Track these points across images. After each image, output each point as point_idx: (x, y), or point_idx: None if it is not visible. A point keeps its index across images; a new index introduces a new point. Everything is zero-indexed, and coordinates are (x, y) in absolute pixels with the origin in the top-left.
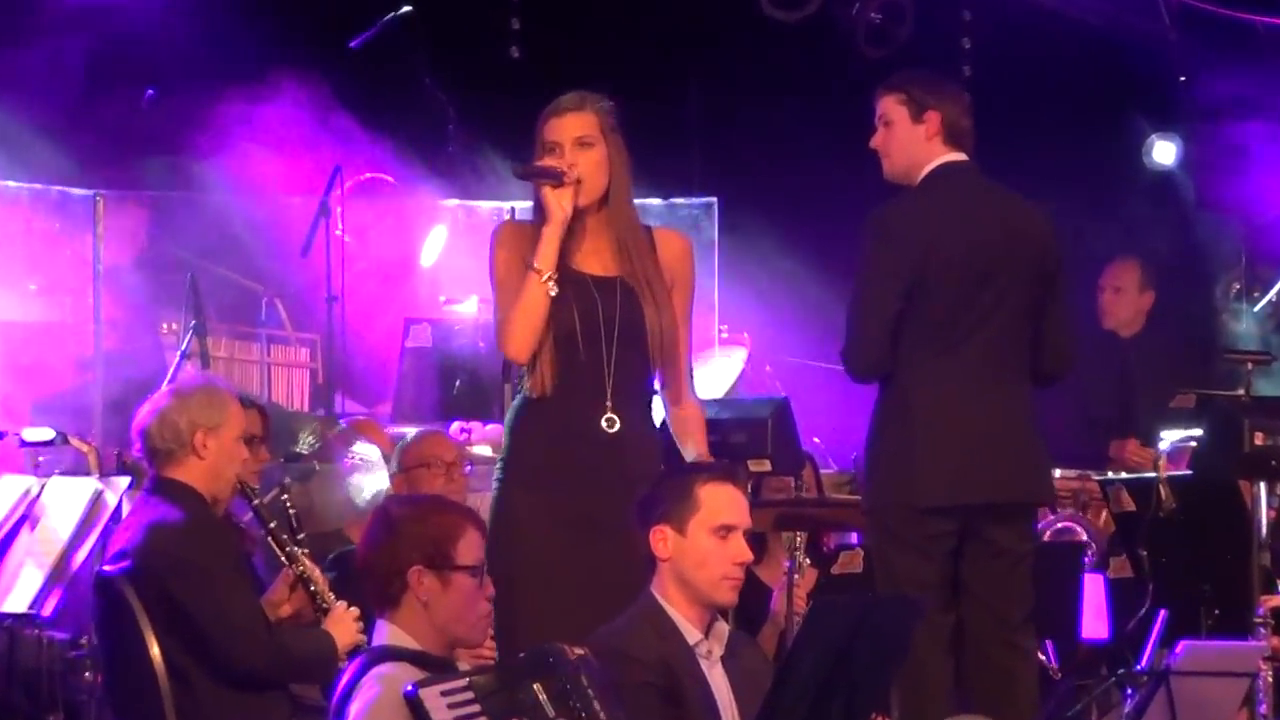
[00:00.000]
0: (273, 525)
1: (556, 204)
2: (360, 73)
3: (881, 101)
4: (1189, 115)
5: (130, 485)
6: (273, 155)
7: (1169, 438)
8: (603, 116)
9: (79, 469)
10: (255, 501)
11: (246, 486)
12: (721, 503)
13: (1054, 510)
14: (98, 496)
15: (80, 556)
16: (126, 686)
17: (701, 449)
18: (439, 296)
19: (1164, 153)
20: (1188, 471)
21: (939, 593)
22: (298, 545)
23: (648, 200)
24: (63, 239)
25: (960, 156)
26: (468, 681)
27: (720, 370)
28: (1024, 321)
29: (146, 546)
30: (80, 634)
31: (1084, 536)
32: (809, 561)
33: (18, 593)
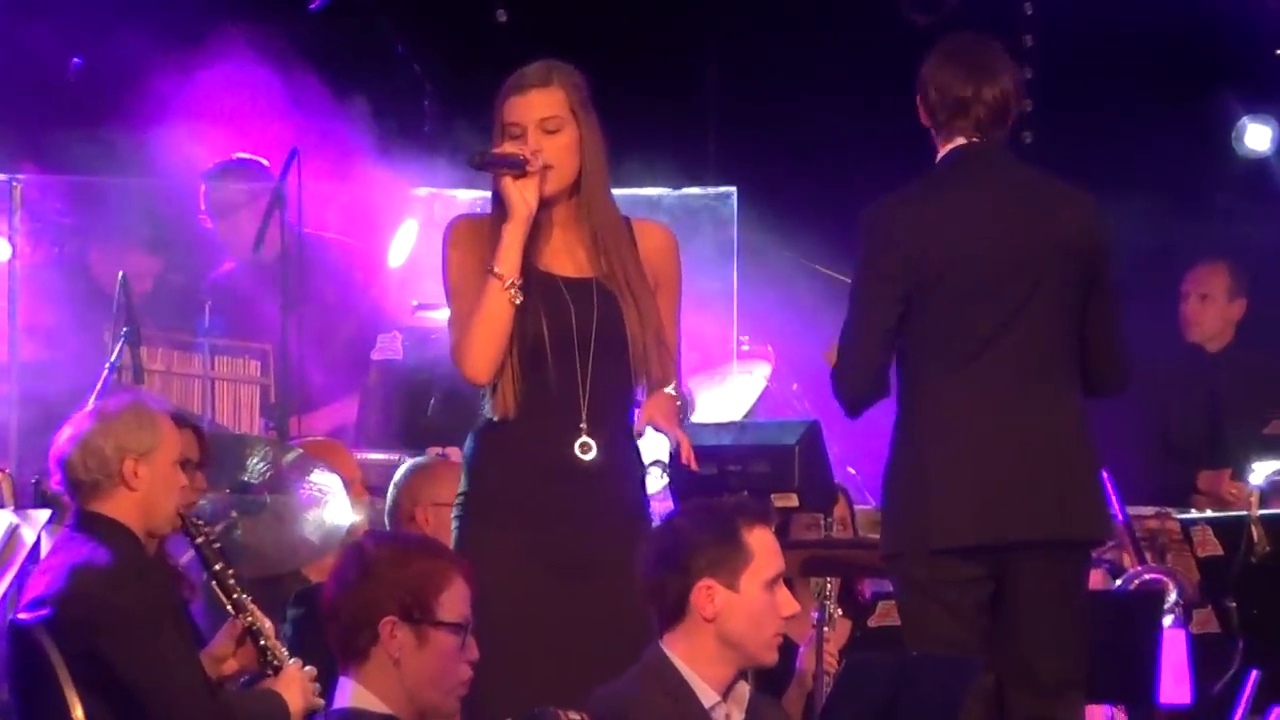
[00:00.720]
0: (218, 567)
1: (519, 197)
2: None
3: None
4: None
5: (50, 520)
6: (218, 134)
7: (1262, 470)
8: (572, 92)
9: None
10: (199, 538)
11: (190, 520)
12: (770, 550)
13: (1141, 558)
14: (12, 532)
15: None
16: None
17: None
18: (410, 301)
19: (1258, 138)
20: None
21: (972, 652)
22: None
23: (655, 190)
24: None
25: (981, 139)
26: None
27: (739, 389)
28: (1062, 327)
29: (69, 592)
30: None
31: (1169, 586)
32: (841, 612)
33: None
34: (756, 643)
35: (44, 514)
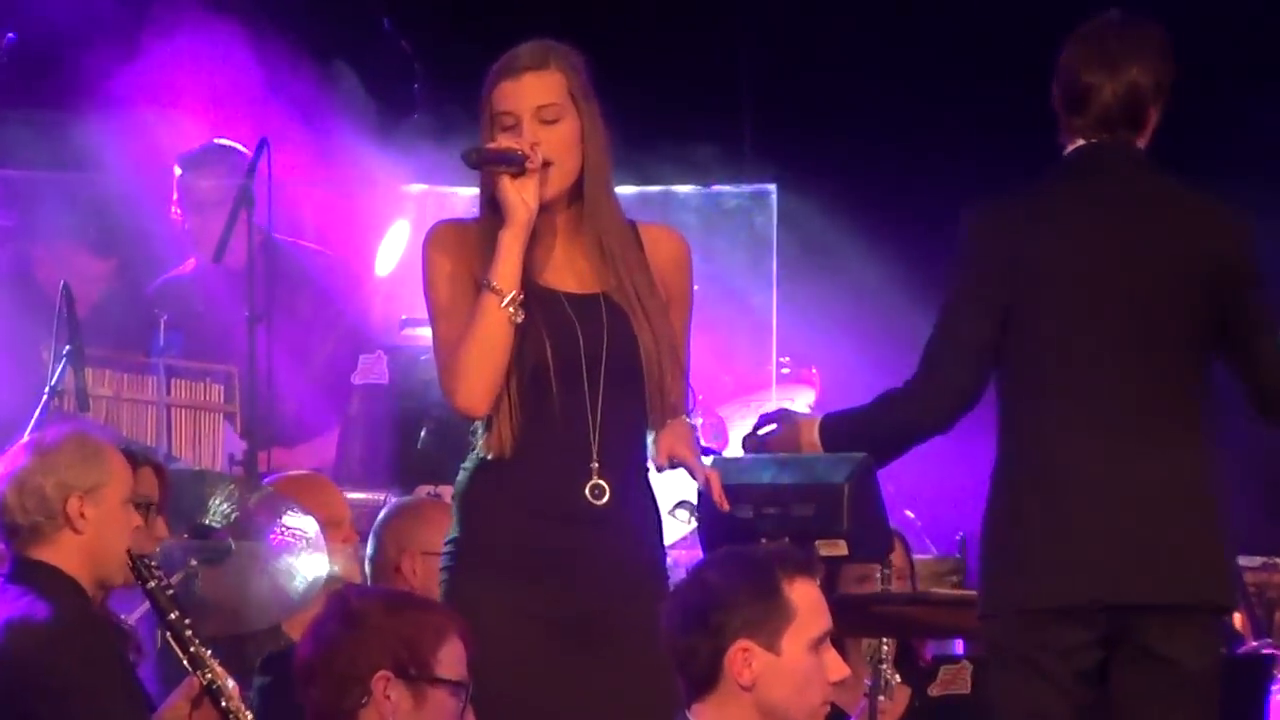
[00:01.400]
0: (173, 616)
1: (518, 199)
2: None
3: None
4: None
5: None
6: (176, 123)
7: None
8: (572, 76)
9: None
10: (151, 582)
11: (142, 563)
12: (815, 605)
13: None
14: None
15: None
16: None
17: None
18: (399, 315)
19: None
20: None
21: None
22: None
23: (682, 187)
24: None
25: (1105, 139)
26: None
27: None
28: (1186, 360)
29: (4, 651)
30: None
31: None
32: (899, 678)
33: None
34: (801, 712)
35: None
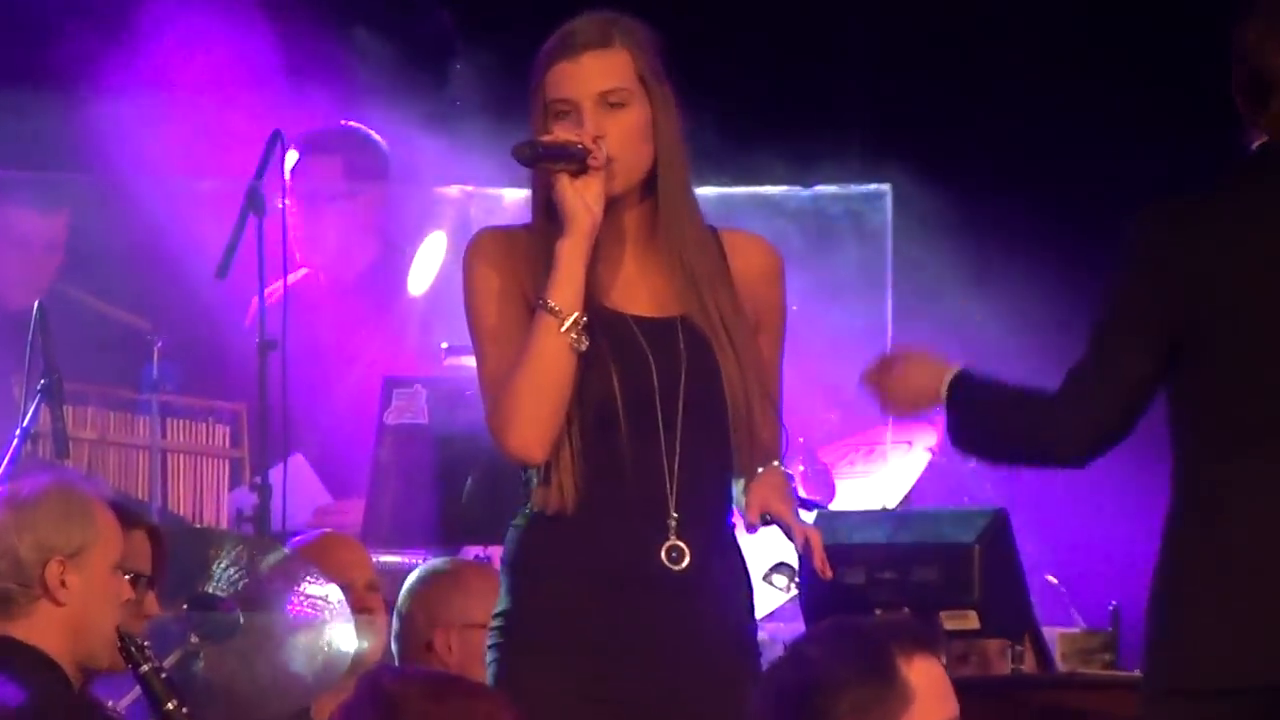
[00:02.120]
0: (170, 706)
1: (580, 202)
2: None
3: None
4: None
5: None
6: (169, 113)
7: None
8: (640, 56)
9: None
10: (144, 665)
11: (132, 641)
12: (936, 687)
13: None
14: None
15: None
16: None
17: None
18: (439, 344)
19: None
20: None
21: None
22: None
23: (777, 188)
24: None
25: None
26: None
27: (894, 465)
28: None
29: None
30: None
31: None
32: None
33: None
34: None
35: None
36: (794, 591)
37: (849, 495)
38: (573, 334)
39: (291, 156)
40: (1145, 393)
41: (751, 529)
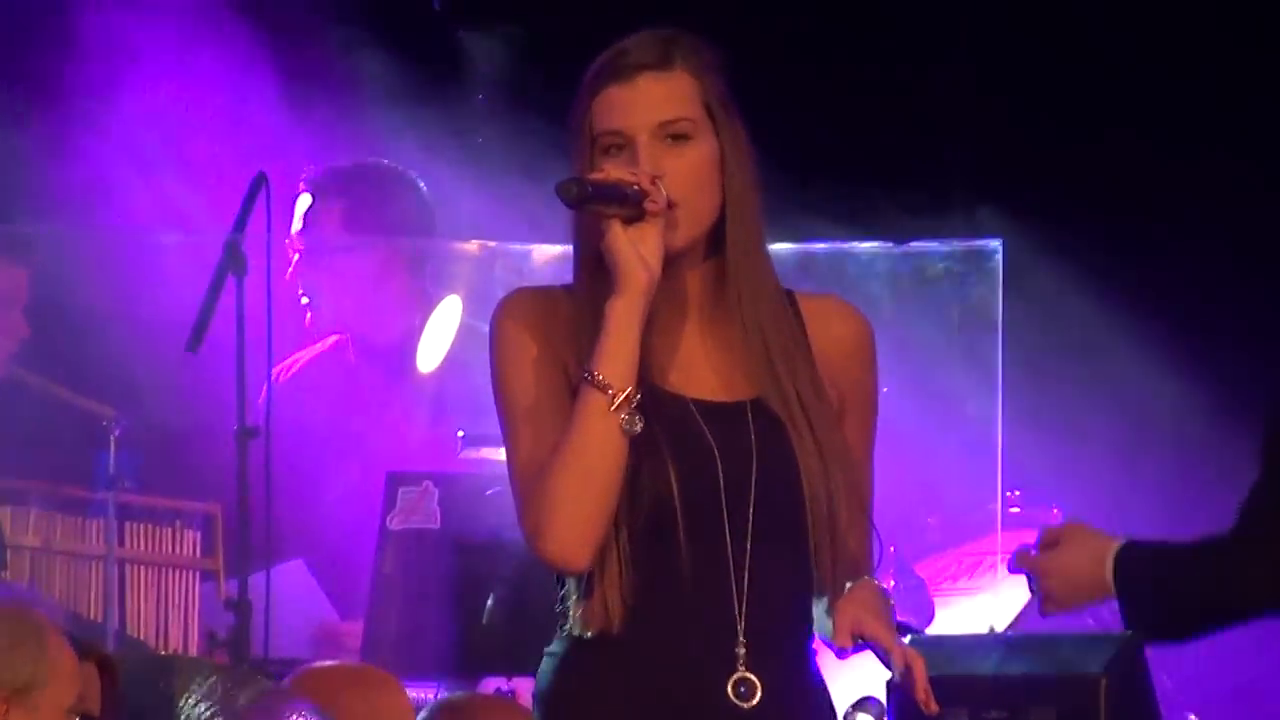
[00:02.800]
0: None
1: (634, 254)
2: None
3: None
4: None
5: None
6: (134, 156)
7: None
8: (707, 81)
9: None
10: None
11: None
12: None
13: None
14: None
15: None
16: None
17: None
18: (454, 432)
19: None
20: None
21: None
22: None
23: (868, 244)
24: None
25: None
26: None
27: (1006, 582)
28: None
29: None
30: None
31: None
32: None
33: None
34: None
35: None
36: None
37: (949, 617)
38: (624, 414)
39: (304, 201)
40: None
41: (842, 654)
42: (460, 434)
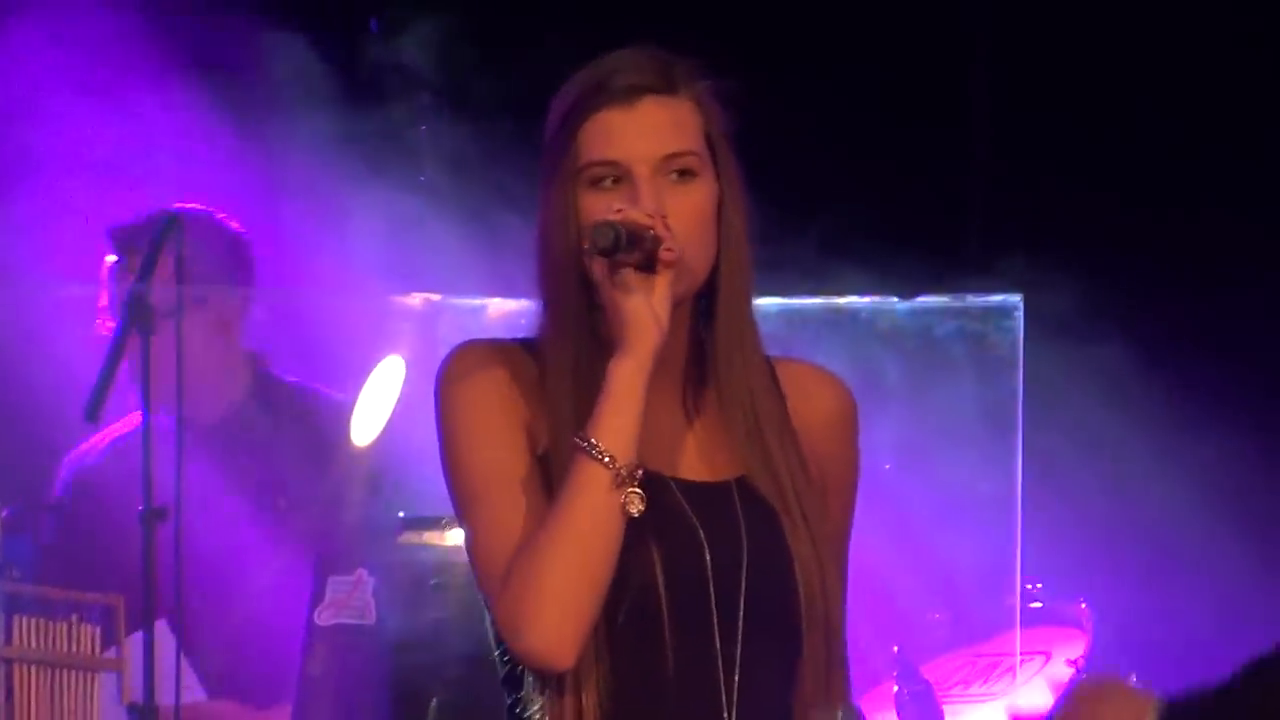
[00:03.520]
0: None
1: (647, 310)
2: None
3: None
4: None
5: None
6: (24, 193)
7: None
8: (709, 111)
9: None
10: None
11: None
12: None
13: None
14: None
15: None
16: None
17: None
18: (393, 514)
19: None
20: None
21: None
22: None
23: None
24: None
25: None
26: None
27: (1026, 691)
28: None
29: None
30: None
31: None
32: None
33: None
34: None
35: None
36: None
37: None
38: (625, 493)
39: (110, 260)
40: None
41: None
42: (400, 515)
